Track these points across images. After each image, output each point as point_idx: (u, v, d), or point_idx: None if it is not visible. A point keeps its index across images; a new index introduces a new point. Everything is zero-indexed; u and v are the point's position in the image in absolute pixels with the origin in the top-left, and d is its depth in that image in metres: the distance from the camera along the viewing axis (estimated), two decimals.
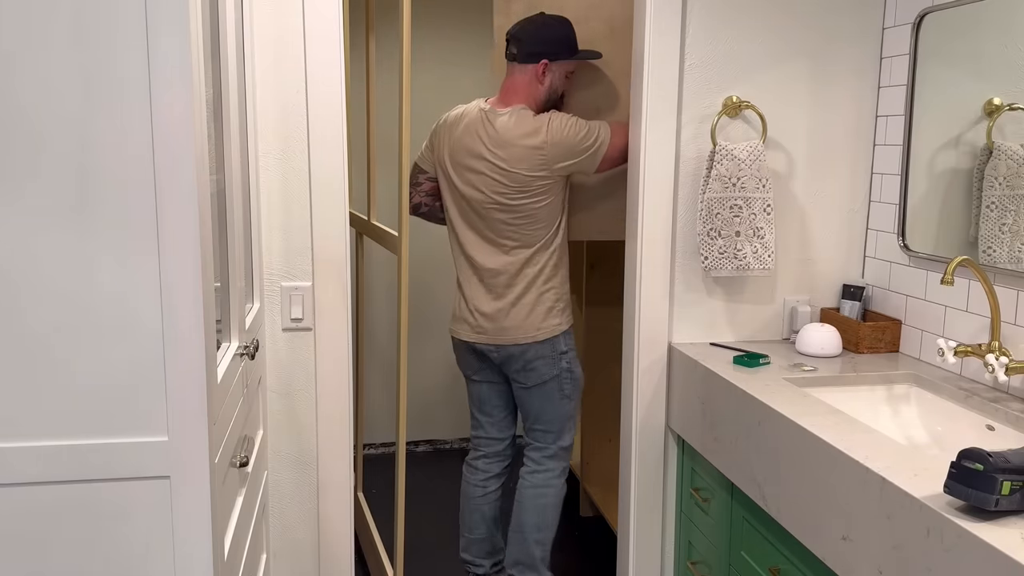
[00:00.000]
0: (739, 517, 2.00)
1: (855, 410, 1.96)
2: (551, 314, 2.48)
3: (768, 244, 2.20)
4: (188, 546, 1.30)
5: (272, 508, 2.15)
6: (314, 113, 2.02)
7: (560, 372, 2.51)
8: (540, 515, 2.57)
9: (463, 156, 2.46)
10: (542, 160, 2.38)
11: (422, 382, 4.12)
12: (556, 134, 2.37)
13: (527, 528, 2.58)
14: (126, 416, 1.27)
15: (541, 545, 2.57)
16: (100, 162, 1.20)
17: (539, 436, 2.59)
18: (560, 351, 2.50)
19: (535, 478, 2.59)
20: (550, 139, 2.37)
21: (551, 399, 2.53)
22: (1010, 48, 1.85)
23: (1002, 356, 1.81)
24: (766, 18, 2.21)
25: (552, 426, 2.57)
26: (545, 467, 2.59)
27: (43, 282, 1.22)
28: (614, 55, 2.56)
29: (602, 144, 2.40)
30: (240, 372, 1.68)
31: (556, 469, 2.59)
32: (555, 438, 2.58)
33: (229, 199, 1.63)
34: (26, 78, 1.17)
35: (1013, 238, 1.85)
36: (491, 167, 2.41)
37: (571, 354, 2.54)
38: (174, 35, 1.19)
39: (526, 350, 2.48)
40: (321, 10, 1.99)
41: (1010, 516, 1.27)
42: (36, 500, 1.26)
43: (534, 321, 2.47)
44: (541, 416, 2.57)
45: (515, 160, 2.38)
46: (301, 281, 2.09)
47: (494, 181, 2.41)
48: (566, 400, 2.55)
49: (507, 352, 2.50)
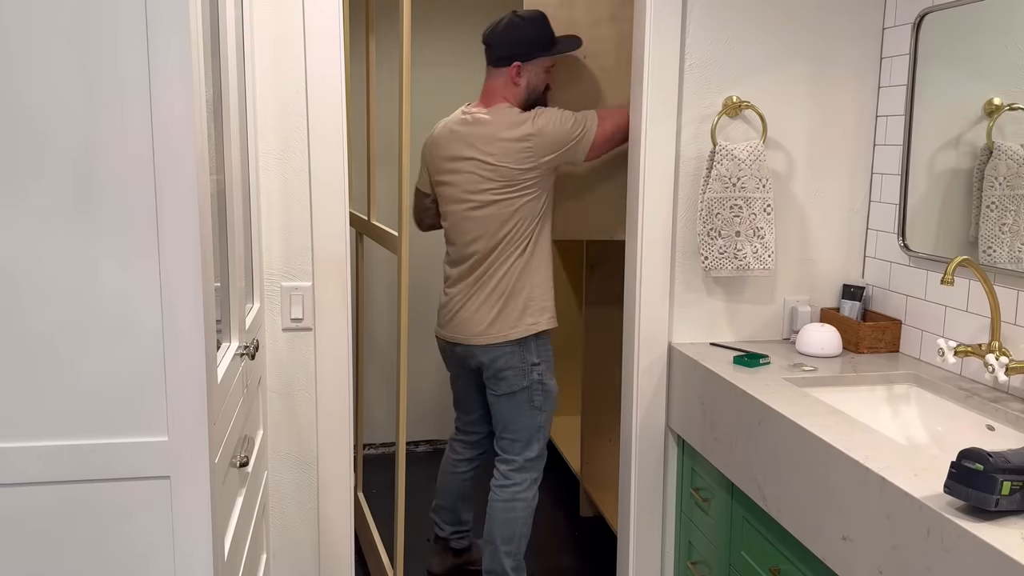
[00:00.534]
0: (739, 517, 2.00)
1: (855, 410, 1.96)
2: (525, 314, 2.47)
3: (768, 244, 2.20)
4: (188, 546, 1.30)
5: (272, 508, 2.16)
6: (314, 113, 2.02)
7: (531, 384, 2.50)
8: (509, 528, 2.57)
9: (447, 162, 2.49)
10: (528, 154, 2.38)
11: (422, 382, 4.12)
12: (541, 126, 2.38)
13: (497, 540, 2.58)
14: (126, 416, 1.27)
15: (512, 556, 2.58)
16: (101, 162, 1.20)
17: (506, 445, 2.58)
18: (531, 362, 2.49)
19: (503, 492, 2.59)
20: (536, 131, 2.38)
21: (520, 409, 2.52)
22: (1010, 48, 1.85)
23: (1002, 356, 1.81)
24: (766, 18, 2.21)
25: (519, 436, 2.55)
26: (512, 481, 2.58)
27: (45, 283, 1.22)
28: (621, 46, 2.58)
29: (587, 132, 2.40)
30: (240, 372, 1.68)
31: (524, 482, 2.57)
32: (522, 448, 2.56)
33: (229, 199, 1.63)
34: (27, 79, 1.17)
35: (1013, 238, 1.85)
36: (476, 164, 2.42)
37: (544, 366, 2.52)
38: (174, 35, 1.19)
39: (496, 358, 2.48)
40: (321, 10, 1.99)
41: (1010, 516, 1.27)
42: (37, 500, 1.26)
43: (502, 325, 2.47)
44: (509, 425, 2.56)
45: (502, 155, 2.39)
46: (301, 281, 2.09)
47: (480, 178, 2.42)
48: (536, 411, 2.53)
49: (470, 351, 2.51)
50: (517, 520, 2.57)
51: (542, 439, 2.58)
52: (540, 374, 2.51)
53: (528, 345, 2.49)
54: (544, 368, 2.52)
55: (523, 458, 2.56)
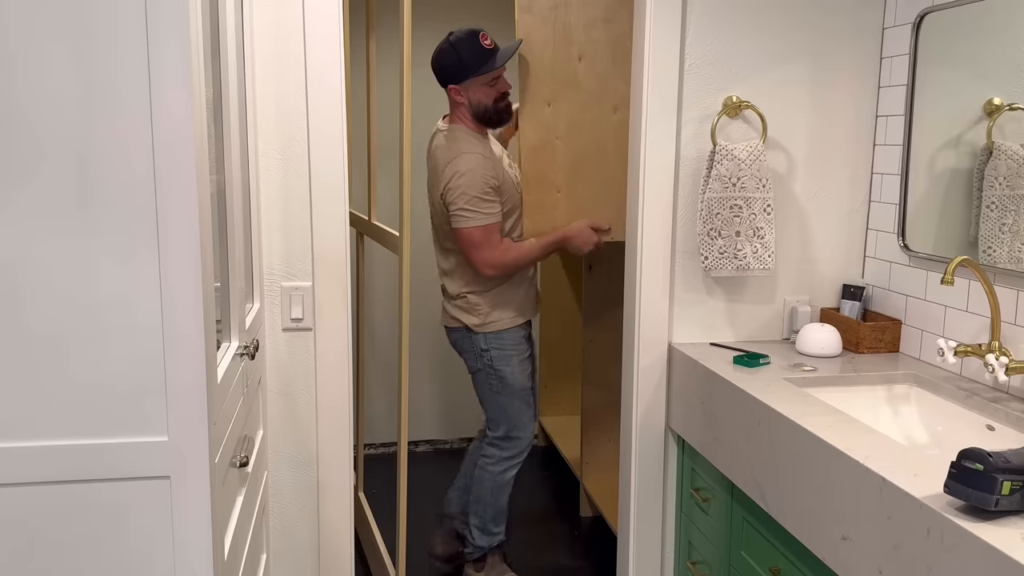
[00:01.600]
0: (739, 517, 2.00)
1: (855, 410, 1.96)
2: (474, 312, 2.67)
3: (768, 244, 2.20)
4: (188, 546, 1.30)
5: (272, 508, 2.15)
6: (314, 113, 2.02)
7: (484, 367, 2.71)
8: (478, 489, 2.80)
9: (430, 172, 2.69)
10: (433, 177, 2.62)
11: (422, 382, 4.12)
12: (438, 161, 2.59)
13: (471, 493, 2.84)
14: (126, 416, 1.27)
15: (477, 516, 2.81)
16: (101, 163, 1.20)
17: (486, 422, 2.81)
18: (480, 348, 2.69)
19: (479, 459, 2.83)
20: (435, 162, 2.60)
21: (483, 388, 2.76)
22: (1010, 48, 1.85)
23: (1002, 356, 1.80)
24: (766, 18, 2.21)
25: (489, 413, 2.78)
26: (484, 452, 2.80)
27: (45, 283, 1.22)
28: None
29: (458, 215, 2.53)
30: (240, 372, 1.68)
31: (492, 457, 2.77)
32: (493, 426, 2.77)
33: (229, 199, 1.63)
34: (27, 79, 1.17)
35: (1013, 238, 1.85)
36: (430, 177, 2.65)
37: (495, 354, 2.69)
38: (174, 35, 1.19)
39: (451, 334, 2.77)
40: (321, 10, 1.99)
41: (1010, 516, 1.27)
42: (37, 500, 1.26)
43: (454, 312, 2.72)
44: (481, 401, 2.79)
45: (432, 177, 2.63)
46: (301, 281, 2.09)
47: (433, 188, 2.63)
48: (495, 395, 2.73)
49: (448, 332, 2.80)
50: (483, 487, 2.78)
51: (506, 423, 2.75)
52: (491, 360, 2.69)
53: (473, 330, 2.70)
54: (495, 356, 2.69)
55: (492, 435, 2.79)
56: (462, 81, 2.56)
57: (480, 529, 2.81)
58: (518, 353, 2.70)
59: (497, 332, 2.67)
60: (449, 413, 4.17)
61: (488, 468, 2.77)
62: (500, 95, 2.60)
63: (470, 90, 2.57)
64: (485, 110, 2.59)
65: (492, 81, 2.57)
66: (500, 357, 2.69)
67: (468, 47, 2.53)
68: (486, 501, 2.79)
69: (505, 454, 2.77)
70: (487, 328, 2.67)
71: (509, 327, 2.68)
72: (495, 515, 2.80)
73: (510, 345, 2.69)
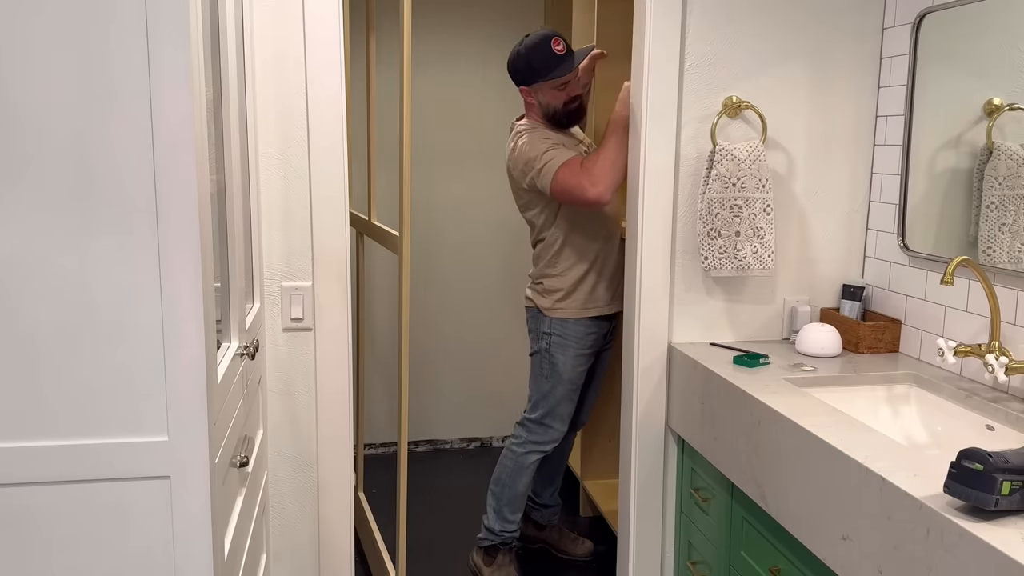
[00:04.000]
0: (739, 517, 2.00)
1: (855, 410, 1.96)
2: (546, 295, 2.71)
3: (768, 244, 2.20)
4: (188, 546, 1.30)
5: (272, 508, 2.16)
6: (314, 113, 2.02)
7: (541, 350, 2.73)
8: (499, 469, 2.82)
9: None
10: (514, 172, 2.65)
11: (422, 382, 4.12)
12: (517, 152, 2.62)
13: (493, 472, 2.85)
14: (126, 416, 1.27)
15: (494, 496, 2.83)
16: (101, 163, 1.20)
17: (528, 402, 2.81)
18: (543, 331, 2.71)
19: (508, 439, 2.85)
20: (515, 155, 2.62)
21: (535, 370, 2.77)
22: (1010, 48, 1.85)
23: (1002, 356, 1.80)
24: (766, 18, 2.21)
25: (533, 395, 2.78)
26: (514, 433, 2.82)
27: (45, 283, 1.22)
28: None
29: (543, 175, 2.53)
30: (240, 372, 1.68)
31: (519, 438, 2.79)
32: (531, 408, 2.78)
33: (229, 199, 1.63)
34: (27, 79, 1.17)
35: (1013, 238, 1.85)
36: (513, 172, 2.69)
37: (555, 339, 2.69)
38: (174, 35, 1.19)
39: (527, 313, 2.81)
40: (321, 10, 1.99)
41: (1010, 516, 1.27)
42: (36, 500, 1.26)
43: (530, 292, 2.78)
44: (531, 383, 2.80)
45: (512, 166, 2.66)
46: (301, 281, 2.09)
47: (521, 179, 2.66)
48: (543, 379, 2.73)
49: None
50: (504, 467, 2.80)
51: (543, 407, 2.75)
52: (549, 344, 2.70)
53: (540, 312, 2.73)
54: (554, 341, 2.69)
55: (524, 415, 2.80)
56: (531, 84, 2.60)
57: (495, 511, 2.82)
58: (578, 346, 2.70)
59: (562, 319, 2.68)
60: (449, 413, 4.16)
61: (513, 447, 2.79)
62: (571, 98, 2.62)
63: (540, 93, 2.61)
64: (555, 112, 2.62)
65: (562, 85, 2.59)
66: (558, 344, 2.69)
67: (538, 52, 2.56)
68: (504, 482, 2.80)
69: (533, 437, 2.78)
70: (554, 313, 2.68)
71: (575, 317, 2.68)
72: (511, 499, 2.81)
73: (572, 335, 2.69)
